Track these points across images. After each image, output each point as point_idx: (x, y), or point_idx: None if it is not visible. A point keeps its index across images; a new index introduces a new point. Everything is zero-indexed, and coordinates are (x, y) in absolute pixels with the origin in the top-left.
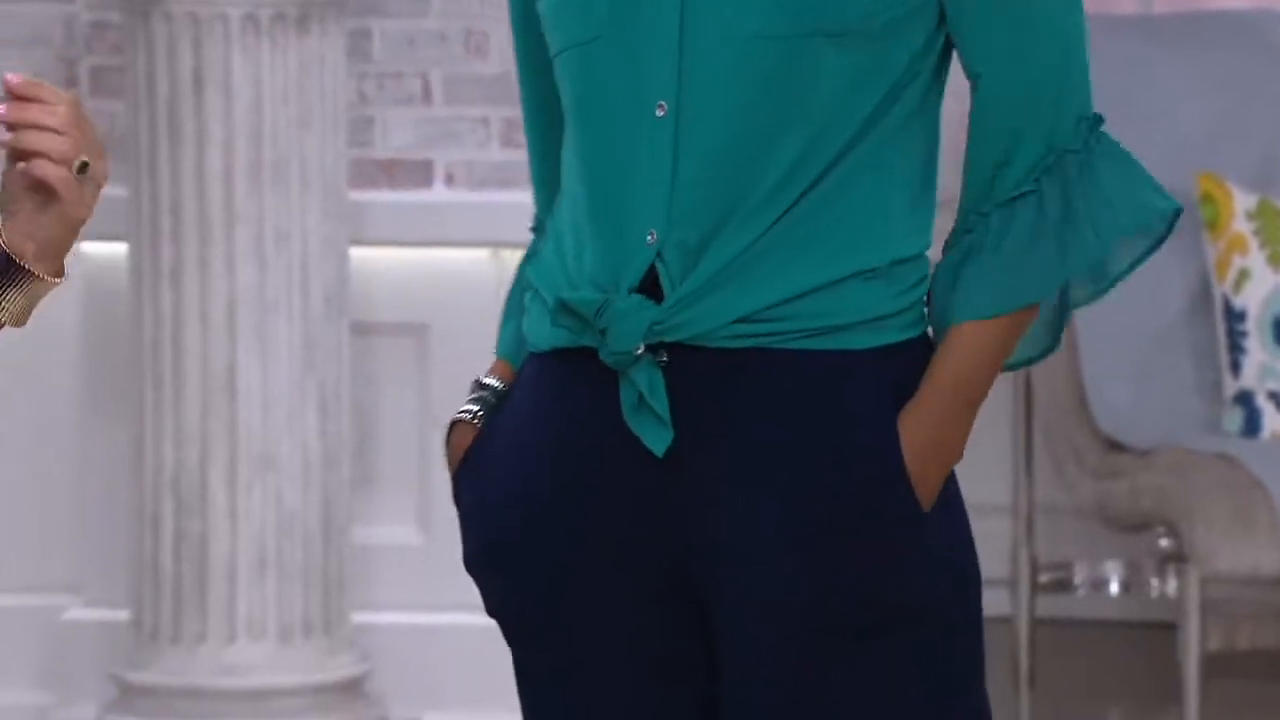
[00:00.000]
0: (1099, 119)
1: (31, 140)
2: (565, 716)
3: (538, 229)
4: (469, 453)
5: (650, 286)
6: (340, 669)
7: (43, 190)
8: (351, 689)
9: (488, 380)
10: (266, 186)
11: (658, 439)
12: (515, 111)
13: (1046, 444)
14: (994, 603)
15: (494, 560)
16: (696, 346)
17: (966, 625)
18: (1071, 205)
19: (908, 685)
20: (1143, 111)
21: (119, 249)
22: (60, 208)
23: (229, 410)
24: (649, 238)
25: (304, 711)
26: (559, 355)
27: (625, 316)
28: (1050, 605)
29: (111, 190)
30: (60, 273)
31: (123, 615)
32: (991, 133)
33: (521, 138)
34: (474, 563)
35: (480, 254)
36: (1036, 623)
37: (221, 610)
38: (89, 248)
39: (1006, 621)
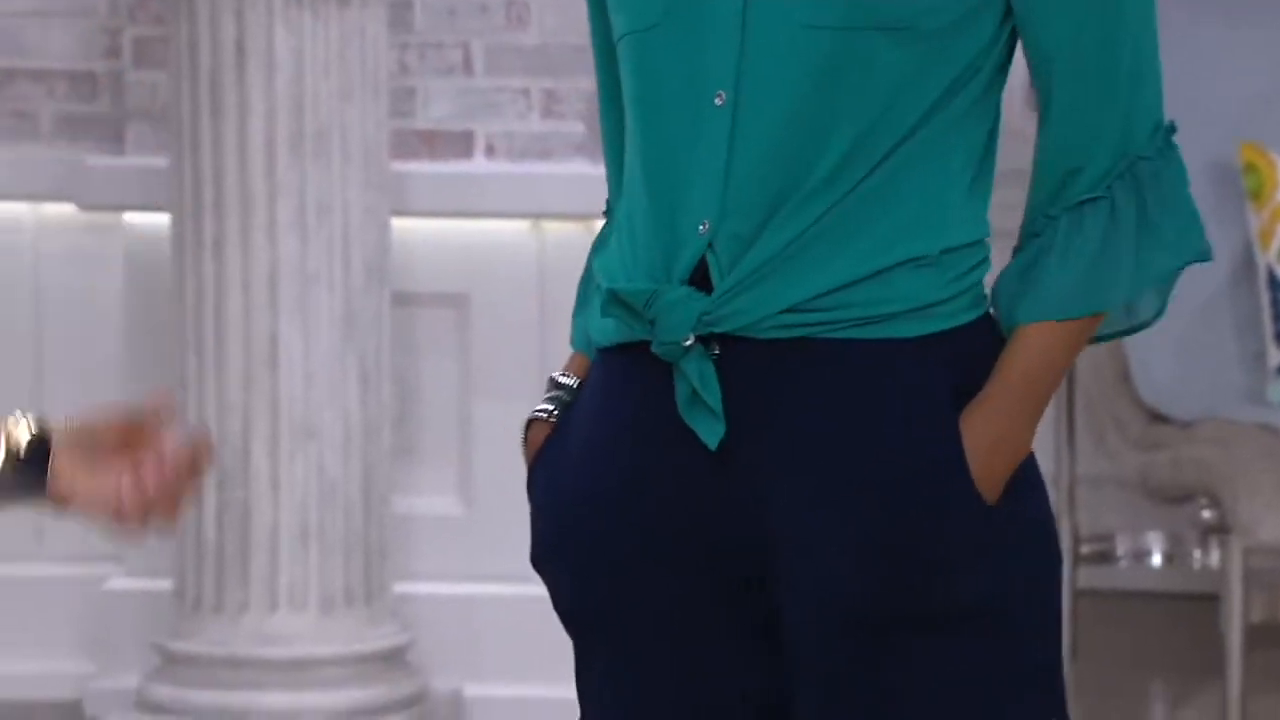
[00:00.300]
0: (1172, 127)
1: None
2: (625, 713)
3: (609, 212)
4: (542, 450)
5: (701, 277)
6: (381, 639)
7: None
8: (392, 659)
9: (561, 378)
10: (308, 157)
11: (711, 431)
12: (556, 83)
13: (1088, 415)
14: None
15: (559, 557)
16: (746, 337)
17: (1038, 626)
18: (1146, 214)
19: (968, 686)
20: (1187, 81)
21: (161, 219)
22: (110, 515)
23: (270, 381)
24: (701, 228)
25: (345, 681)
26: (620, 350)
27: (674, 307)
28: (1092, 576)
29: (153, 161)
30: (59, 507)
31: (165, 585)
32: (1065, 138)
33: (562, 108)
34: (540, 559)
35: (521, 225)
36: (1078, 594)
37: (263, 580)
38: (131, 218)
39: None
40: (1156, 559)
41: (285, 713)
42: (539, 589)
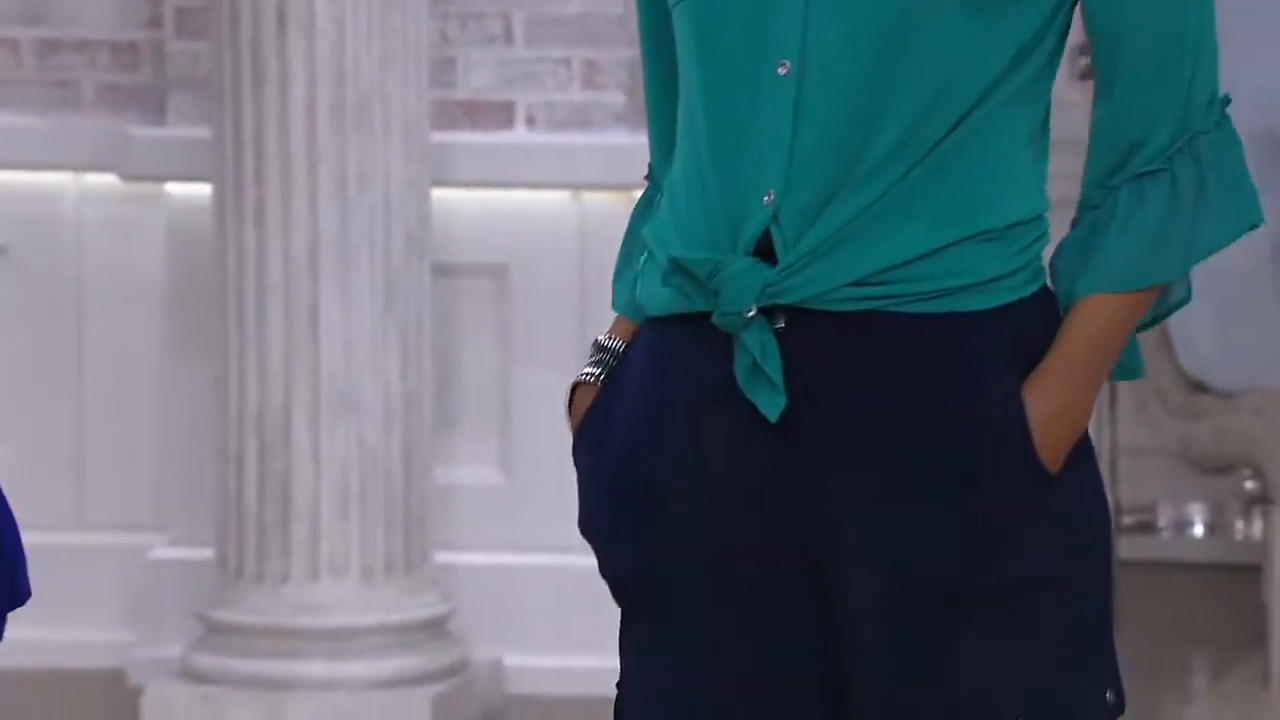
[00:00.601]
0: (1227, 99)
1: None
2: (671, 681)
3: (651, 178)
4: (587, 415)
5: (765, 249)
6: (422, 609)
7: None
8: (433, 628)
9: (606, 341)
10: (349, 127)
11: (771, 404)
12: (597, 53)
13: (1130, 386)
14: None
15: (609, 523)
16: (810, 310)
17: (1092, 586)
18: (1205, 187)
19: (1031, 653)
20: (1229, 49)
21: (203, 190)
22: None
23: (311, 351)
24: (766, 199)
25: (385, 650)
26: (675, 320)
27: (738, 278)
28: (1134, 547)
29: (195, 131)
30: None
31: (207, 554)
32: (1128, 112)
33: (603, 78)
34: (589, 526)
35: (561, 195)
36: (1120, 565)
37: (304, 550)
38: (173, 188)
39: None
40: (1198, 529)
41: (326, 681)
42: (579, 559)
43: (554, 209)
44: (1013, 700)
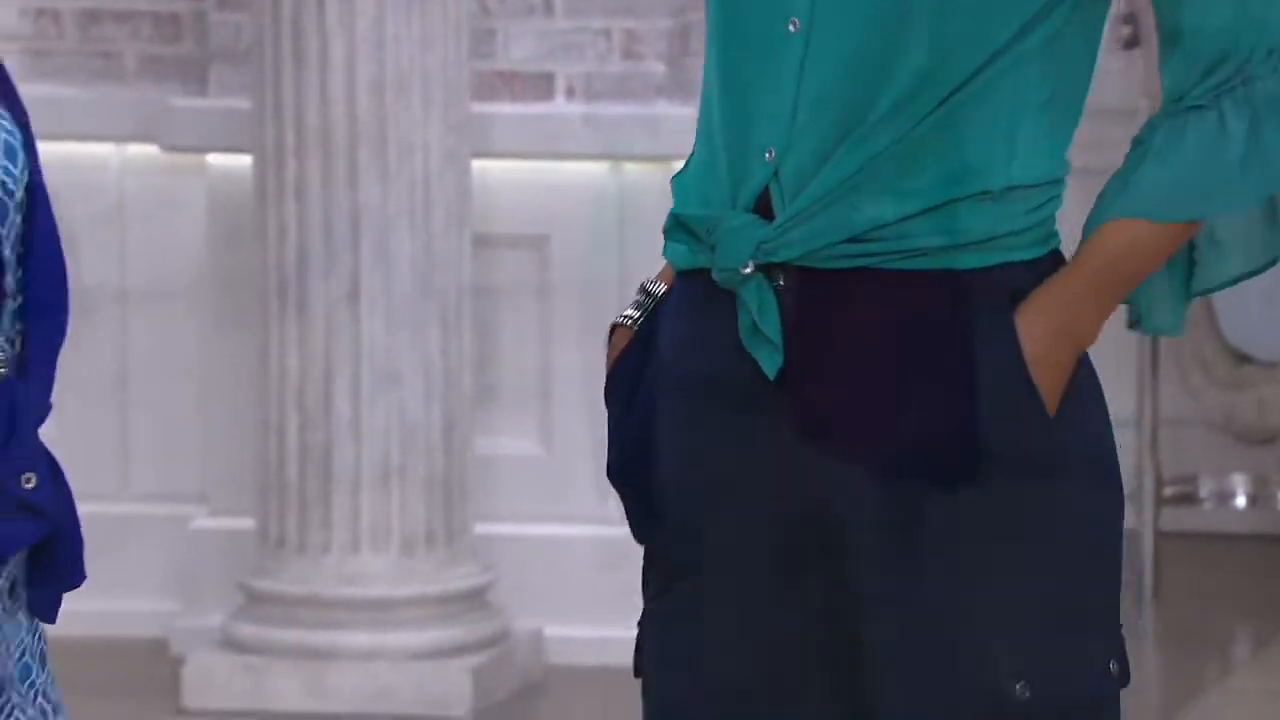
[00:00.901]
0: None
1: None
2: (684, 628)
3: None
4: (620, 361)
5: (765, 205)
6: (462, 579)
7: None
8: (473, 599)
9: (650, 285)
10: (389, 99)
11: (769, 360)
12: (636, 23)
13: (1172, 356)
14: None
15: (625, 473)
16: (807, 268)
17: (1095, 546)
18: (1260, 134)
19: (1028, 604)
20: None
21: (244, 160)
22: None
23: (352, 323)
24: (768, 156)
25: (425, 621)
26: (692, 274)
27: (734, 234)
28: (1176, 518)
29: (236, 103)
30: None
31: (248, 524)
32: (1180, 59)
33: (642, 49)
34: (611, 472)
35: (600, 166)
36: (1161, 536)
37: (345, 521)
38: (214, 159)
39: (1131, 535)
40: (1240, 500)
41: (366, 652)
42: (618, 529)
43: (594, 180)
44: (1010, 656)
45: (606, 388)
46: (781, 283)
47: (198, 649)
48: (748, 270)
